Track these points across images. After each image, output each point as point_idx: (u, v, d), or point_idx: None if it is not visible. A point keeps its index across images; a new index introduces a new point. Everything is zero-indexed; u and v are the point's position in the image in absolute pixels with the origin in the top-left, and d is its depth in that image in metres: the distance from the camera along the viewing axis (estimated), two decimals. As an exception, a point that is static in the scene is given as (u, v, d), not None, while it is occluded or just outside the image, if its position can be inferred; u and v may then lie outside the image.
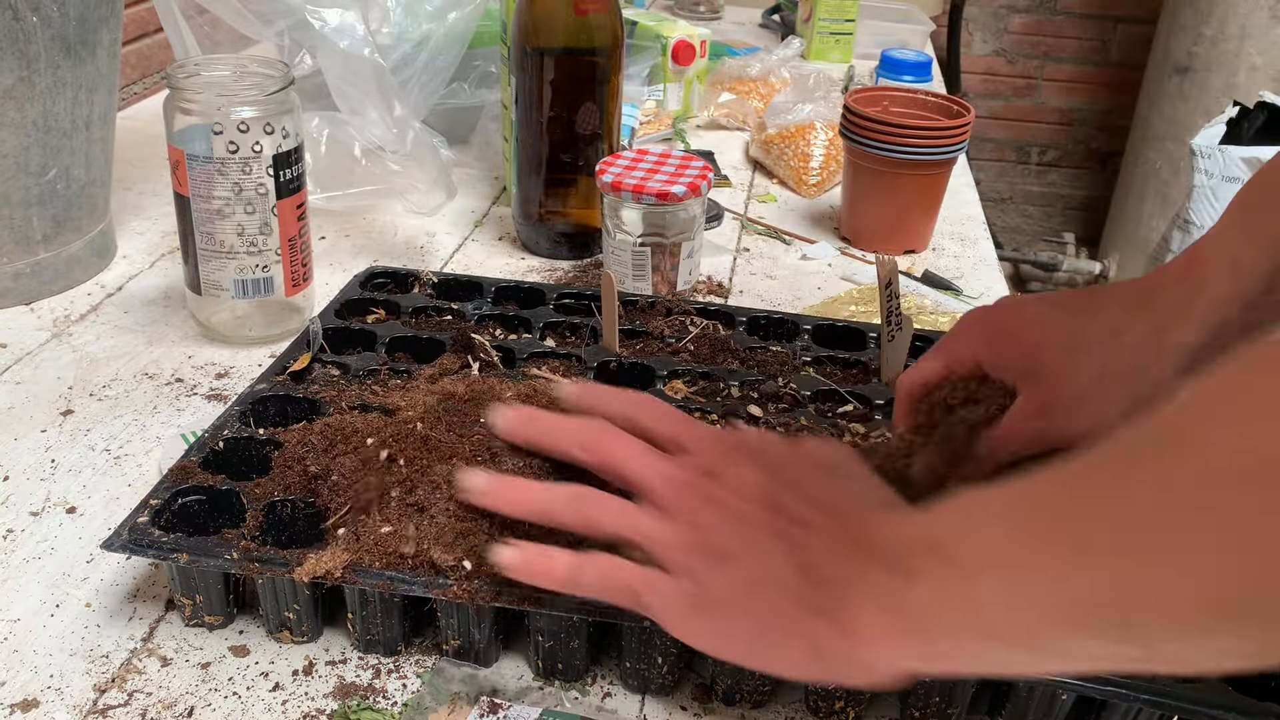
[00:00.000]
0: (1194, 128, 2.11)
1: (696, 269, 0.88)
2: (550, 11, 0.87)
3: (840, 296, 0.92)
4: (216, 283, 0.76)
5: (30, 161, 0.80)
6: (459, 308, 0.76)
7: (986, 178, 3.21)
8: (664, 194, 0.81)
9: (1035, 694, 0.49)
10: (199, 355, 0.79)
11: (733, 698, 0.51)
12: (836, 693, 0.50)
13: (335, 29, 0.85)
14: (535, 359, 0.70)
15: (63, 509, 0.62)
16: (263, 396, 0.63)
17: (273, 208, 0.74)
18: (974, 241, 1.07)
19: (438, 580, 0.49)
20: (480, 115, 1.18)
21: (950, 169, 1.01)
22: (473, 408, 0.55)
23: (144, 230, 0.99)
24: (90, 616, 0.55)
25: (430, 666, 0.52)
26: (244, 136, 0.71)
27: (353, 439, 0.56)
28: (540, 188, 0.94)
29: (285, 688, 0.51)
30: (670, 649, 0.50)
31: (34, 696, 0.50)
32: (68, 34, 0.78)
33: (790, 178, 1.17)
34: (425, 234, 1.01)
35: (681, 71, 1.35)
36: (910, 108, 1.04)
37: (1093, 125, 3.13)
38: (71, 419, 0.71)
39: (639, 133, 1.23)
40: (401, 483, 0.52)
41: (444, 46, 1.01)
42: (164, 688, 0.50)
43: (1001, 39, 3.08)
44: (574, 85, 0.90)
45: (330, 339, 0.71)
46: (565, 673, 0.52)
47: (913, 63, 1.46)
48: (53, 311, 0.84)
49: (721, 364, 0.71)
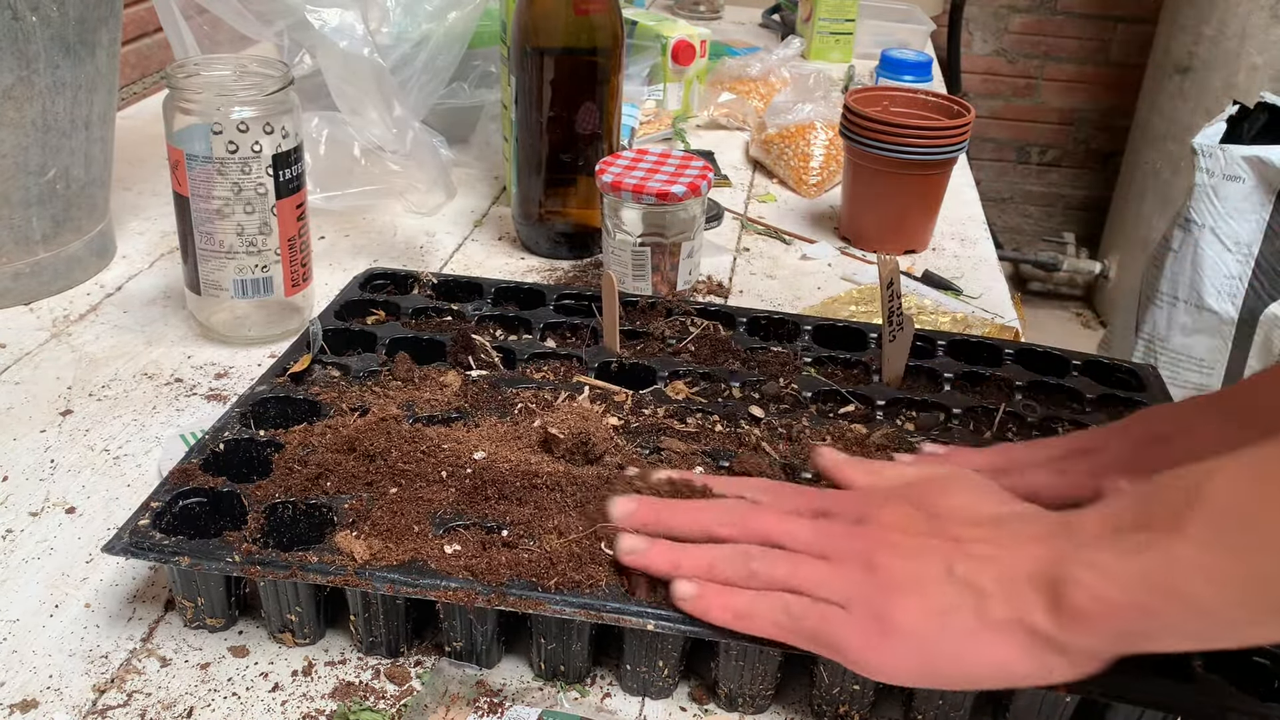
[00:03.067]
0: (1194, 127, 2.11)
1: (696, 269, 0.88)
2: (550, 11, 0.87)
3: (840, 296, 0.92)
4: (216, 283, 0.76)
5: (30, 161, 0.80)
6: (459, 308, 0.76)
7: (986, 178, 3.20)
8: (664, 194, 0.81)
9: (1039, 697, 0.48)
10: (198, 355, 0.78)
11: (735, 702, 0.51)
12: (841, 696, 0.50)
13: (335, 29, 0.85)
14: (536, 360, 0.70)
15: (62, 509, 0.62)
16: (263, 398, 0.63)
17: (272, 208, 0.74)
18: (974, 241, 1.07)
19: (441, 582, 0.49)
20: (480, 115, 1.18)
21: (950, 169, 1.01)
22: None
23: (143, 230, 0.99)
24: (89, 617, 0.55)
25: (430, 667, 0.52)
26: (243, 136, 0.71)
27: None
28: (540, 188, 0.94)
29: (285, 688, 0.51)
30: (671, 652, 0.50)
31: (33, 697, 0.50)
32: (67, 34, 0.78)
33: (790, 178, 1.17)
34: (425, 234, 1.01)
35: (681, 71, 1.35)
36: (910, 108, 1.04)
37: (1093, 125, 3.13)
38: (71, 419, 0.70)
39: (639, 133, 1.22)
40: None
41: (444, 46, 1.01)
42: (163, 688, 0.50)
43: (1002, 39, 3.07)
44: (574, 85, 0.89)
45: (330, 340, 0.71)
46: (566, 674, 0.52)
47: (913, 63, 1.45)
48: (52, 311, 0.84)
49: (722, 364, 0.71)
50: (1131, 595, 0.40)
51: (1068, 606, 0.42)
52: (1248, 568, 0.38)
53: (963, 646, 0.44)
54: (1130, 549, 0.41)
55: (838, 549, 0.48)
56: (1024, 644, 0.43)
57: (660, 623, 0.48)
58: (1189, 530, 0.39)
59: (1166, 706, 0.46)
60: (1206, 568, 0.39)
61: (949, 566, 0.45)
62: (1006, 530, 0.46)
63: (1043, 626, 0.43)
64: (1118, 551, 0.41)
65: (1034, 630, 0.43)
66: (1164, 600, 0.40)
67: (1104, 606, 0.41)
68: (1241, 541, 0.38)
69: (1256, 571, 0.38)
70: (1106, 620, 0.41)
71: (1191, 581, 0.39)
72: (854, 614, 0.46)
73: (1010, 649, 0.44)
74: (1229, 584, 0.39)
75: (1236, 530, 0.39)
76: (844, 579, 0.47)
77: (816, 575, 0.47)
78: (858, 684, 0.49)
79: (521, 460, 0.57)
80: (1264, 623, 0.40)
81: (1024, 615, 0.43)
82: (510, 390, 0.66)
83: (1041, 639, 0.43)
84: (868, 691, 0.50)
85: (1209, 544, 0.39)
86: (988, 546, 0.45)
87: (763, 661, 0.49)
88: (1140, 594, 0.40)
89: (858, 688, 0.49)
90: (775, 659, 0.49)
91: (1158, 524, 0.40)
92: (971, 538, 0.46)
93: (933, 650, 0.45)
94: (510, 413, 0.63)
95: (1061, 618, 0.42)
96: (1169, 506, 0.41)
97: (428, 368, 0.68)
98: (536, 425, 0.61)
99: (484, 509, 0.54)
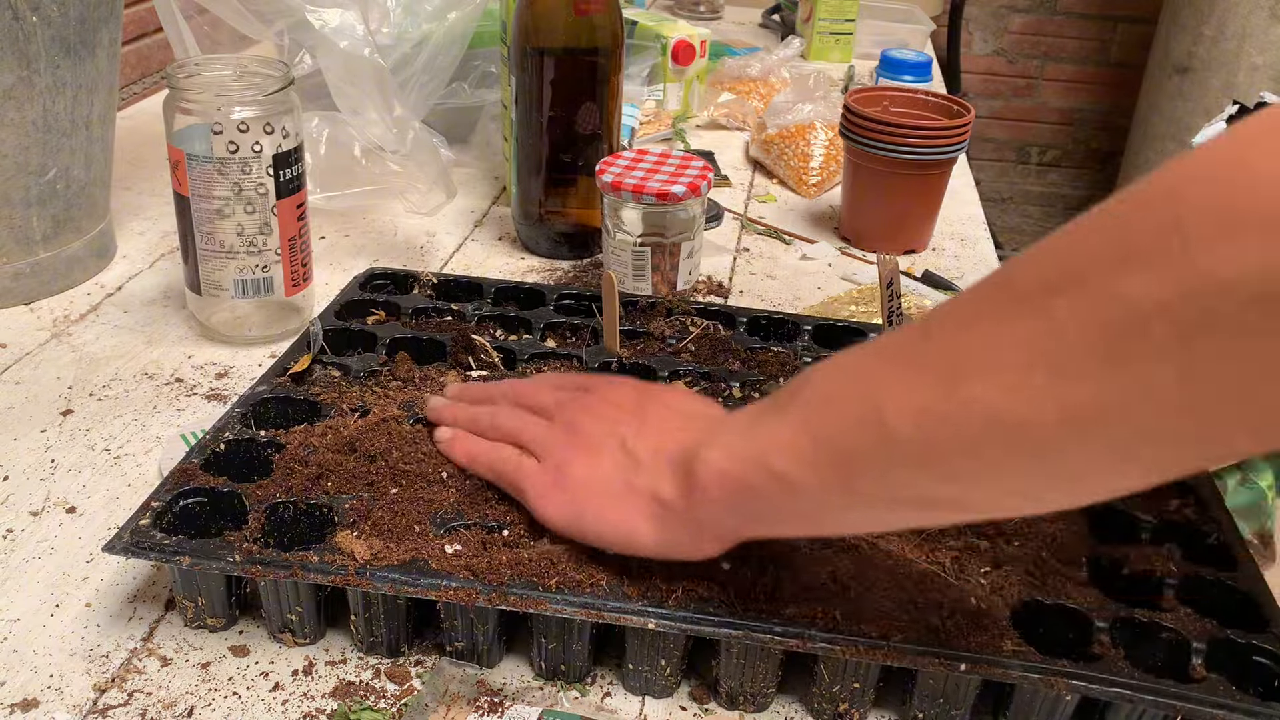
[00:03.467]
0: (1194, 128, 2.11)
1: (696, 269, 0.88)
2: (550, 11, 0.87)
3: (840, 296, 0.92)
4: (216, 283, 0.76)
5: (30, 161, 0.80)
6: (459, 308, 0.76)
7: (986, 178, 3.21)
8: (664, 194, 0.81)
9: (1039, 695, 0.48)
10: (199, 355, 0.78)
11: (735, 700, 0.51)
12: (841, 694, 0.50)
13: (335, 29, 0.85)
14: (536, 360, 0.70)
15: (62, 509, 0.62)
16: (264, 398, 0.63)
17: (273, 208, 0.74)
18: (974, 241, 1.07)
19: (442, 582, 0.49)
20: (480, 115, 1.18)
21: (950, 169, 1.01)
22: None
23: (144, 230, 0.99)
24: (90, 616, 0.55)
25: (430, 666, 0.52)
26: (244, 136, 0.71)
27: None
28: (540, 188, 0.94)
29: (285, 688, 0.51)
30: (674, 651, 0.50)
31: (34, 696, 0.50)
32: (68, 34, 0.78)
33: (790, 178, 1.17)
34: (425, 234, 1.01)
35: (681, 71, 1.35)
36: (910, 108, 1.04)
37: (1093, 125, 3.13)
38: (71, 419, 0.70)
39: (639, 133, 1.22)
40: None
41: (444, 46, 1.01)
42: (164, 688, 0.50)
43: (1002, 39, 3.08)
44: (574, 85, 0.89)
45: (330, 340, 0.71)
46: (567, 674, 0.52)
47: (913, 63, 1.45)
48: (52, 311, 0.84)
49: (722, 364, 0.71)
50: (742, 470, 0.43)
51: (689, 478, 0.46)
52: (829, 450, 0.40)
53: (605, 505, 0.49)
54: (748, 430, 0.44)
55: (560, 413, 0.55)
56: (652, 512, 0.48)
57: (661, 622, 0.48)
58: (789, 413, 0.42)
59: (1166, 706, 0.46)
60: (795, 447, 0.41)
61: (625, 438, 0.51)
62: (689, 420, 0.51)
63: (669, 496, 0.47)
64: (741, 432, 0.44)
65: (661, 500, 0.47)
66: (765, 478, 0.42)
67: (718, 479, 0.44)
68: (823, 424, 0.40)
69: (835, 453, 0.40)
70: (720, 492, 0.44)
71: (783, 459, 0.41)
72: (544, 465, 0.53)
73: (639, 515, 0.48)
74: (815, 466, 0.40)
75: (819, 414, 0.40)
76: (550, 436, 0.54)
77: (532, 431, 0.55)
78: (858, 682, 0.49)
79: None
80: (857, 508, 0.41)
81: (657, 486, 0.48)
82: (510, 390, 0.66)
83: (667, 509, 0.47)
84: (868, 689, 0.50)
85: (799, 426, 0.41)
86: (661, 428, 0.51)
87: (764, 659, 0.49)
88: (749, 470, 0.43)
89: (858, 685, 0.50)
90: (776, 656, 0.49)
91: (774, 409, 0.43)
92: (656, 419, 0.52)
93: (583, 505, 0.50)
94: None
95: (683, 489, 0.46)
96: (786, 393, 0.43)
97: (428, 368, 0.68)
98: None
99: (484, 509, 0.54)
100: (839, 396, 0.40)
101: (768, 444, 0.42)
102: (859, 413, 0.39)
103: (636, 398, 0.55)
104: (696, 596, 0.49)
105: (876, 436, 0.38)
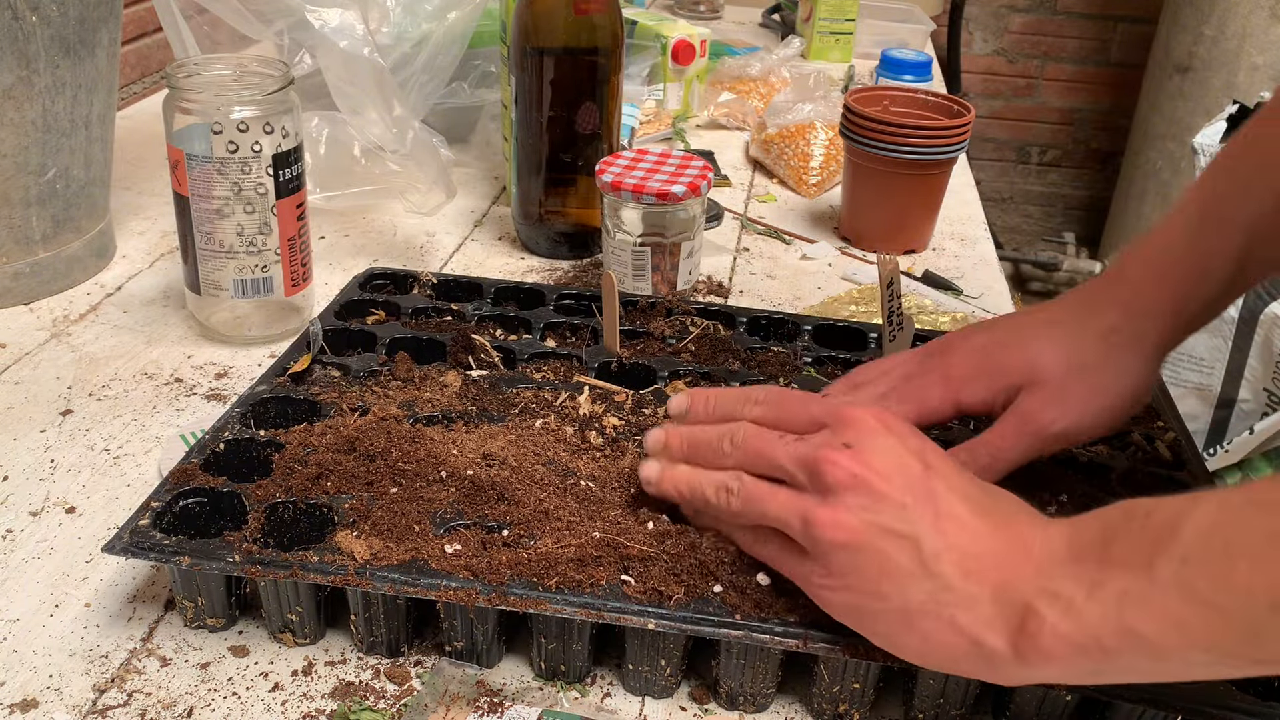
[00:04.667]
0: (1194, 127, 2.11)
1: (696, 269, 0.88)
2: (550, 11, 0.87)
3: (840, 296, 0.92)
4: (216, 283, 0.76)
5: (30, 161, 0.80)
6: (459, 308, 0.76)
7: (986, 178, 3.20)
8: (664, 194, 0.81)
9: (1039, 696, 0.48)
10: (198, 355, 0.78)
11: (736, 700, 0.51)
12: (841, 695, 0.50)
13: (335, 29, 0.85)
14: (536, 360, 0.70)
15: (62, 509, 0.62)
16: (263, 398, 0.63)
17: (272, 207, 0.74)
18: (974, 241, 1.07)
19: (441, 582, 0.49)
20: (480, 115, 1.18)
21: (950, 169, 1.01)
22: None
23: (143, 230, 0.99)
24: (90, 617, 0.55)
25: (430, 666, 0.52)
26: (243, 136, 0.71)
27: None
28: (540, 187, 0.94)
29: (285, 688, 0.51)
30: (674, 651, 0.50)
31: (33, 696, 0.50)
32: (67, 34, 0.78)
33: (790, 178, 1.17)
34: (425, 234, 1.01)
35: (681, 71, 1.35)
36: (910, 107, 1.04)
37: (1093, 125, 3.13)
38: (71, 419, 0.70)
39: (639, 132, 1.22)
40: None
41: (444, 46, 1.01)
42: (163, 688, 0.50)
43: (1002, 39, 3.07)
44: (574, 85, 0.89)
45: (330, 340, 0.71)
46: (567, 674, 0.52)
47: (913, 62, 1.45)
48: (52, 311, 0.84)
49: (722, 364, 0.71)
50: (1094, 636, 0.40)
51: (1028, 638, 0.41)
52: (1214, 617, 0.37)
53: (902, 627, 0.44)
54: (1097, 586, 0.40)
55: (818, 474, 0.47)
56: (969, 653, 0.43)
57: (661, 622, 0.48)
58: (1158, 574, 0.39)
59: (1166, 706, 0.46)
60: (1173, 615, 0.38)
61: (920, 539, 0.44)
62: (985, 516, 0.45)
63: (997, 647, 0.42)
64: (1085, 587, 0.40)
65: (984, 649, 0.43)
66: (1126, 642, 0.39)
67: (1065, 647, 0.41)
68: (1210, 590, 0.37)
69: (1221, 620, 0.37)
70: (1064, 654, 0.41)
71: (1155, 627, 0.39)
72: (815, 551, 0.47)
73: (949, 653, 0.44)
74: (1193, 631, 0.38)
75: (1205, 578, 0.38)
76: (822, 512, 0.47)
77: (789, 501, 0.48)
78: (858, 683, 0.49)
79: (522, 460, 0.57)
80: (1220, 664, 0.39)
81: (978, 630, 0.43)
82: (510, 390, 0.66)
83: (992, 661, 0.43)
84: (868, 690, 0.50)
85: (1177, 591, 0.38)
86: (960, 528, 0.45)
87: (764, 660, 0.49)
88: (1103, 635, 0.40)
89: (858, 686, 0.49)
90: (776, 657, 0.49)
91: (1127, 561, 0.40)
92: (947, 508, 0.45)
93: (875, 617, 0.45)
94: (510, 413, 0.63)
95: (1019, 646, 0.42)
96: (1139, 544, 0.40)
97: (428, 368, 0.68)
98: (538, 425, 0.61)
99: (484, 509, 0.54)
100: (1229, 565, 0.37)
101: (1135, 615, 0.39)
102: (1269, 584, 0.36)
103: (919, 469, 0.46)
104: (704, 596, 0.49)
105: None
